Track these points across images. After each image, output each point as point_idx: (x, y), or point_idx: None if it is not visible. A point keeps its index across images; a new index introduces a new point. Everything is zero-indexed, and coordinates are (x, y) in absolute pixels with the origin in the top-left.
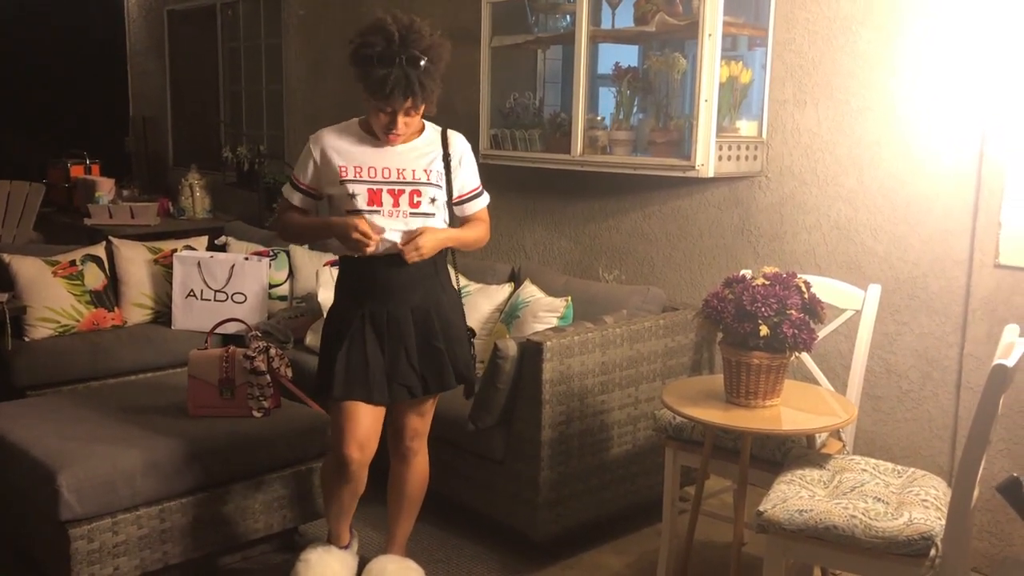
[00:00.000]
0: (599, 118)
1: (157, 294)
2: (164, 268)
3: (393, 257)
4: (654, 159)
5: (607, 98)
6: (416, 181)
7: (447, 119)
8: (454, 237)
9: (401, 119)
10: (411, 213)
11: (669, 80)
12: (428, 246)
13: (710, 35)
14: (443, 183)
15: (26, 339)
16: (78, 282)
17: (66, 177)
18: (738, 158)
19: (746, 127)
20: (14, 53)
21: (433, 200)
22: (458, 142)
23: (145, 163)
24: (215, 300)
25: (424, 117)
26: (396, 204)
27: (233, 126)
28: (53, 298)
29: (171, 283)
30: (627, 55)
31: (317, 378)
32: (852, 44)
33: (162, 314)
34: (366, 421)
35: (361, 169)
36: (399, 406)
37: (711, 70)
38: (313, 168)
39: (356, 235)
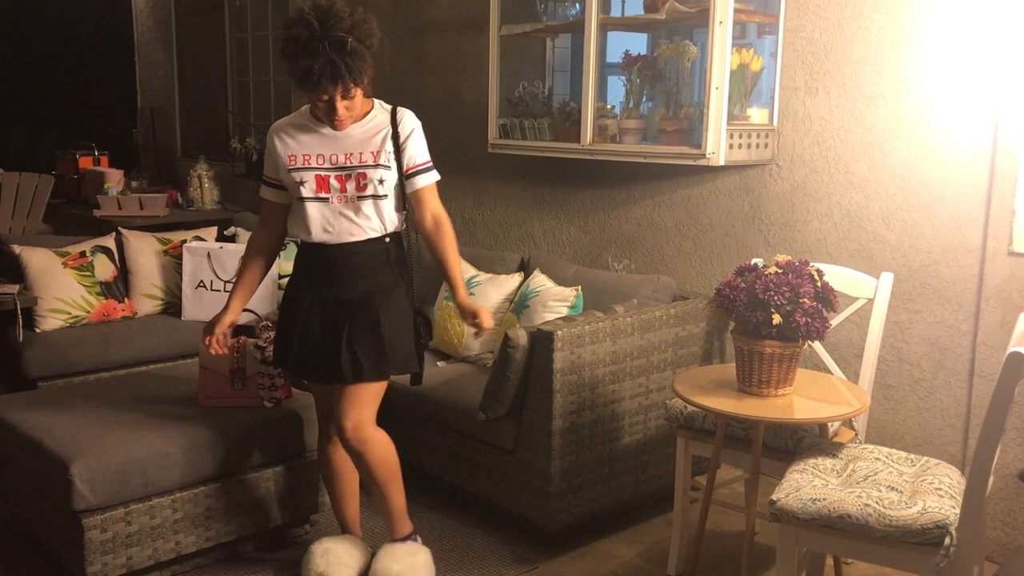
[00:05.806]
0: (609, 107)
1: (167, 285)
2: (174, 259)
3: (347, 245)
4: (664, 148)
5: (617, 86)
6: (364, 164)
7: (456, 109)
8: (457, 278)
9: (340, 104)
10: (359, 197)
11: (679, 68)
12: (487, 318)
13: (721, 22)
14: (392, 163)
15: (37, 330)
16: (88, 273)
17: (75, 169)
18: (749, 146)
19: (757, 115)
20: (22, 46)
21: (382, 181)
22: (408, 119)
23: (153, 154)
24: (225, 291)
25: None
26: (344, 189)
27: (241, 117)
28: (63, 289)
29: (181, 274)
30: (637, 43)
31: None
32: (864, 30)
33: (172, 305)
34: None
35: (310, 157)
36: (335, 397)
37: (722, 58)
38: (274, 159)
39: (205, 341)
